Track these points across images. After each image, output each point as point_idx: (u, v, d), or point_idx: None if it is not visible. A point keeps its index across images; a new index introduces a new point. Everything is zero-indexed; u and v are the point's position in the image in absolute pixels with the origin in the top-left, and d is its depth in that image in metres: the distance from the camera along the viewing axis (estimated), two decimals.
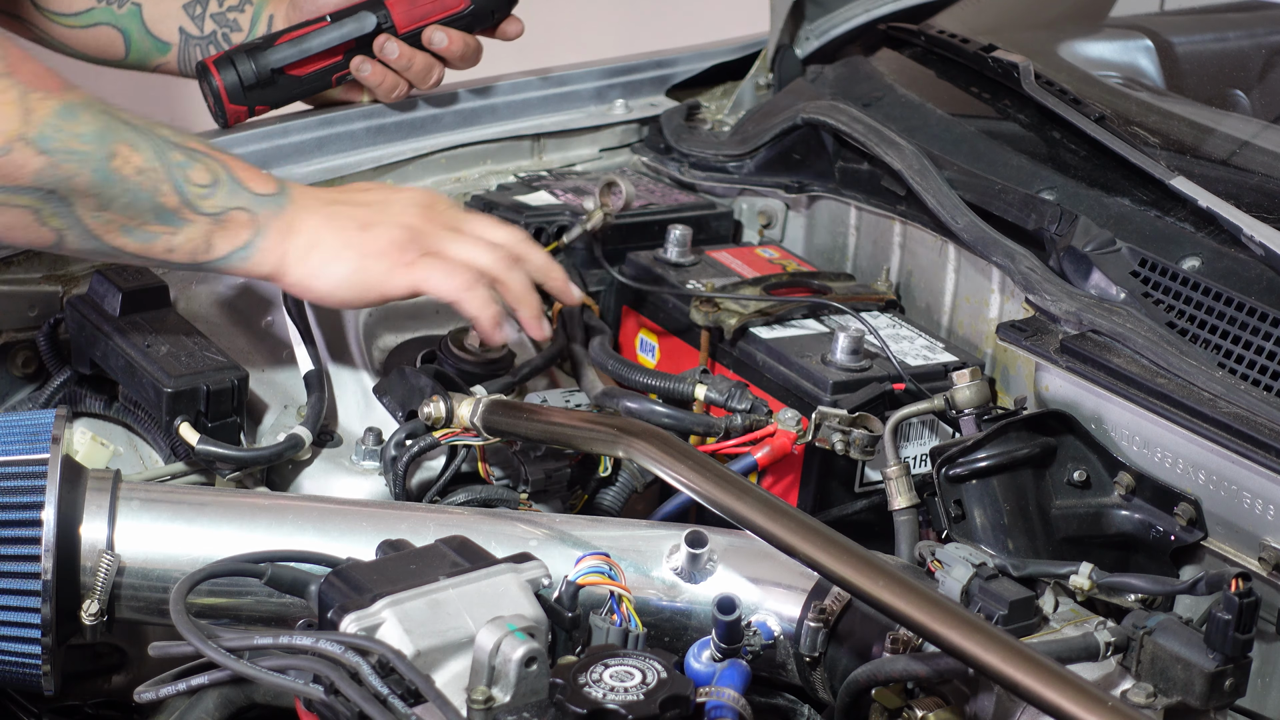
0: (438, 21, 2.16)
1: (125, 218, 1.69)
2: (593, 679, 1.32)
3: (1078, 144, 2.05)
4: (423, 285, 1.77)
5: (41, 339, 1.92)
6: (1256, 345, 1.73)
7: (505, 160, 2.30)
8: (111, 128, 1.68)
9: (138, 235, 1.70)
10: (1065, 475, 1.76)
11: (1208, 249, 1.84)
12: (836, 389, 1.85)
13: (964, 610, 1.39)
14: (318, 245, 1.76)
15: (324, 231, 1.77)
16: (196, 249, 1.73)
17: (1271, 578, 1.64)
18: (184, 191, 1.71)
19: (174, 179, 1.71)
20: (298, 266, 1.76)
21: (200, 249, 1.73)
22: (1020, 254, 1.91)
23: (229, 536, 1.57)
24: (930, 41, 2.29)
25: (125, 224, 1.69)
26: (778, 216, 2.26)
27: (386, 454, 1.79)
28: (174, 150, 1.72)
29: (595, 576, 1.50)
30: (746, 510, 1.47)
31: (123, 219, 1.69)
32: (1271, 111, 2.20)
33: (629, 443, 1.57)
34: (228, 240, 1.74)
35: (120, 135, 1.68)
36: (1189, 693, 1.40)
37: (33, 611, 1.50)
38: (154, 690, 1.41)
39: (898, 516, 1.71)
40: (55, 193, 1.64)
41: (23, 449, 1.55)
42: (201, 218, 1.72)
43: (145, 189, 1.69)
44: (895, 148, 2.07)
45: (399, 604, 1.35)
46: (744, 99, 2.43)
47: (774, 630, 1.57)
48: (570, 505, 1.83)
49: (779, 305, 1.99)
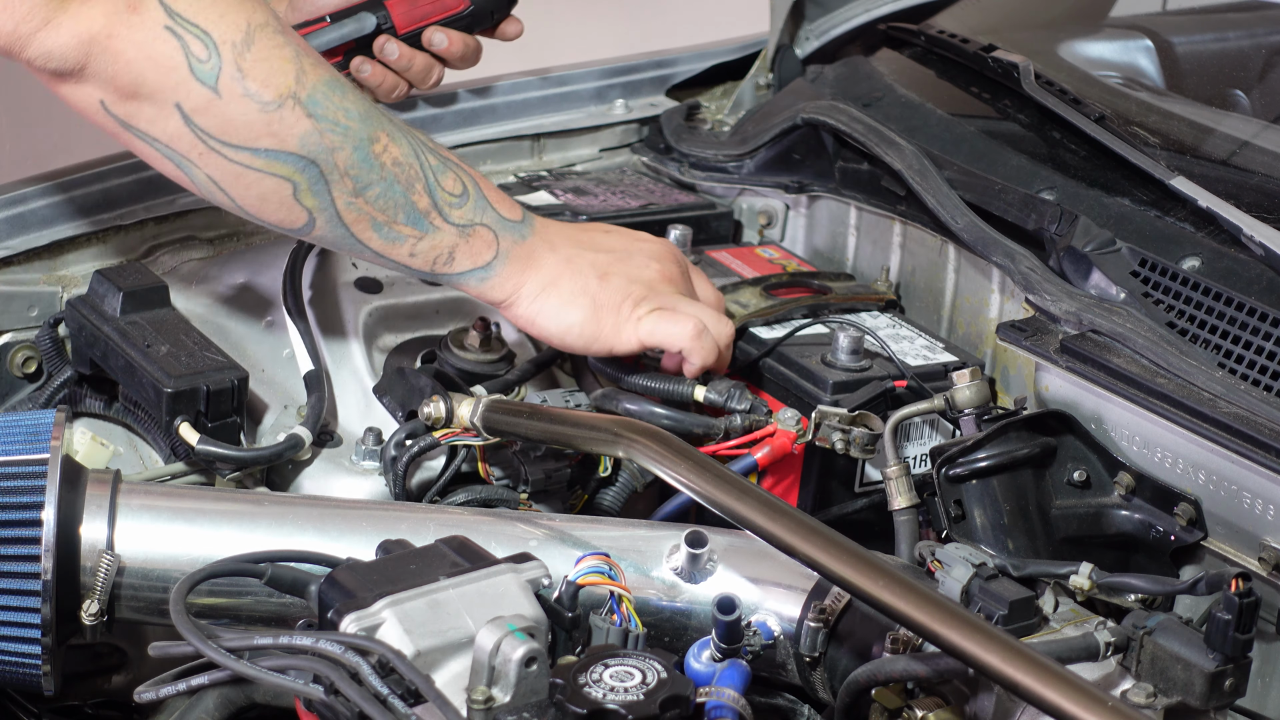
0: (437, 22, 2.16)
1: (377, 210, 1.67)
2: (593, 679, 1.32)
3: (1078, 144, 2.05)
4: (651, 338, 1.78)
5: (42, 339, 1.92)
6: (1256, 345, 1.73)
7: (505, 160, 2.31)
8: (374, 113, 1.68)
9: (385, 233, 1.69)
10: (1065, 475, 1.76)
11: (1208, 249, 1.84)
12: (836, 389, 1.85)
13: (964, 610, 1.39)
14: (554, 286, 1.76)
15: (563, 273, 1.77)
16: (438, 258, 1.72)
17: (1271, 578, 1.64)
18: (435, 196, 1.70)
19: (428, 180, 1.70)
20: (530, 303, 1.77)
21: (442, 259, 1.72)
22: (1020, 254, 1.91)
23: (229, 537, 1.57)
24: (930, 41, 2.29)
25: (375, 218, 1.68)
26: (778, 216, 2.26)
27: (386, 454, 1.79)
28: (429, 152, 1.71)
29: (595, 576, 1.50)
30: (746, 510, 1.47)
31: (374, 211, 1.67)
32: (1271, 111, 2.20)
33: (629, 443, 1.57)
34: (470, 256, 1.73)
35: (381, 123, 1.68)
36: (1189, 693, 1.40)
37: (33, 611, 1.50)
38: (154, 690, 1.41)
39: (898, 516, 1.71)
40: (316, 164, 1.63)
41: (23, 449, 1.55)
42: (449, 226, 1.71)
43: (400, 182, 1.68)
44: (895, 148, 2.07)
45: (399, 604, 1.35)
46: (744, 99, 2.43)
47: (774, 630, 1.57)
48: (570, 505, 1.83)
49: (779, 305, 1.99)
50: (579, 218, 2.12)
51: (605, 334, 1.78)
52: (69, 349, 1.91)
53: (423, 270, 1.74)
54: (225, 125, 1.61)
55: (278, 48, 1.62)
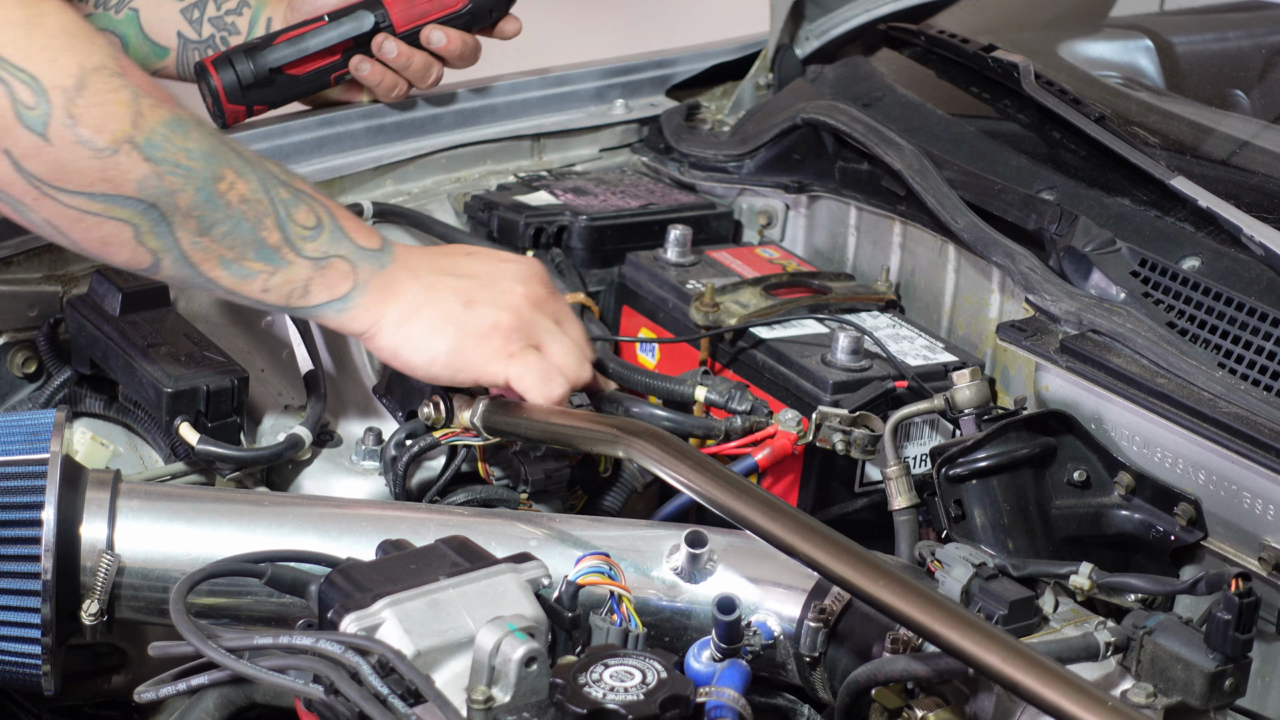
0: (436, 21, 2.16)
1: (225, 248, 1.63)
2: (593, 679, 1.32)
3: (1078, 144, 2.05)
4: (517, 383, 1.72)
5: (41, 339, 1.92)
6: (1256, 345, 1.73)
7: (505, 160, 2.30)
8: (220, 150, 1.63)
9: (235, 270, 1.64)
10: (1065, 475, 1.76)
11: (1208, 249, 1.84)
12: (837, 389, 1.85)
13: (964, 610, 1.39)
14: (417, 315, 1.71)
15: (425, 301, 1.72)
16: (293, 292, 1.67)
17: (1271, 578, 1.64)
18: (287, 230, 1.65)
19: (278, 215, 1.65)
20: (393, 333, 1.71)
21: (297, 293, 1.67)
22: (1020, 254, 1.91)
23: (229, 536, 1.57)
24: (930, 41, 2.29)
25: (224, 255, 1.63)
26: (778, 216, 2.26)
27: (386, 454, 1.79)
28: (280, 186, 1.66)
29: (595, 576, 1.49)
30: (746, 510, 1.47)
31: (222, 249, 1.63)
32: (1271, 111, 2.20)
33: (629, 443, 1.57)
34: (326, 289, 1.68)
35: (228, 160, 1.63)
36: (1189, 693, 1.40)
37: (33, 611, 1.50)
38: (154, 690, 1.41)
39: (898, 516, 1.71)
40: (156, 208, 1.58)
41: (23, 449, 1.55)
42: (302, 260, 1.66)
43: (248, 219, 1.63)
44: (895, 148, 2.07)
45: (399, 604, 1.35)
46: (744, 99, 2.43)
47: (774, 630, 1.57)
48: (570, 505, 1.83)
49: (779, 305, 1.99)
50: (579, 218, 2.12)
51: (472, 364, 1.71)
52: (69, 349, 1.91)
53: (278, 304, 1.68)
54: (57, 171, 1.55)
55: (113, 91, 1.56)
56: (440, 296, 1.72)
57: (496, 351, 1.72)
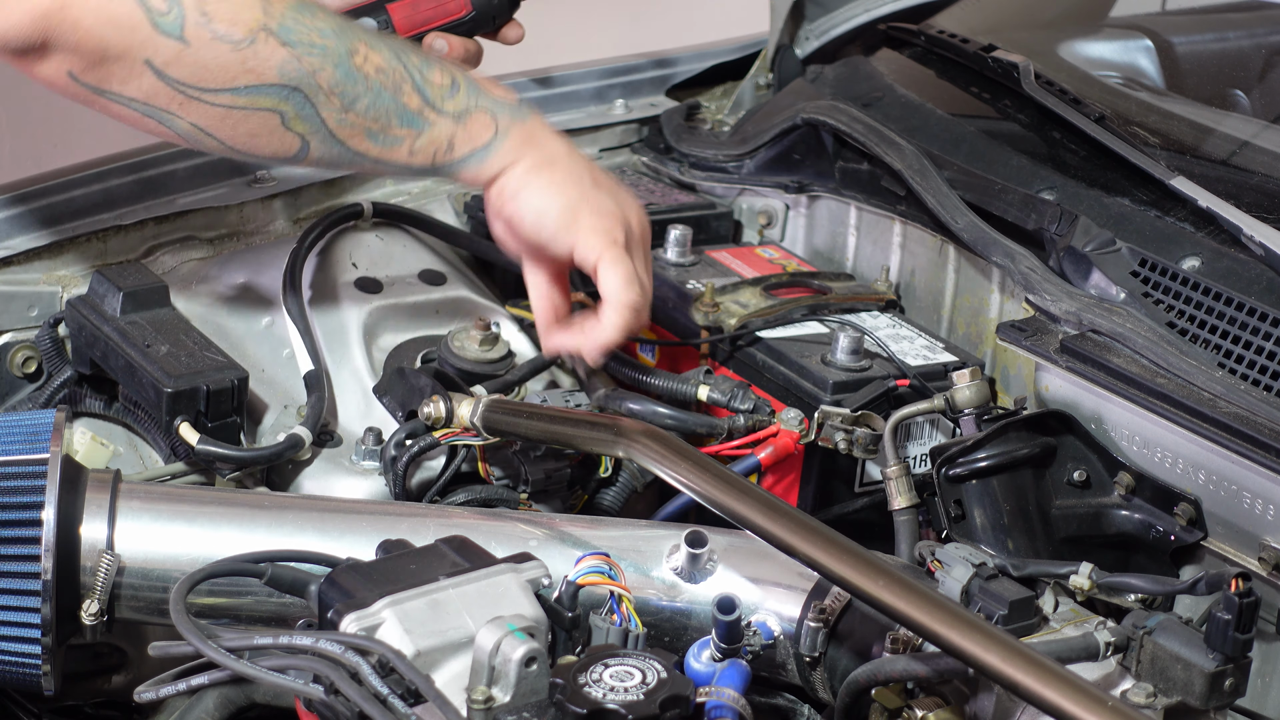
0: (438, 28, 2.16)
1: (369, 120, 1.66)
2: (593, 679, 1.32)
3: (1078, 144, 2.05)
4: (605, 270, 1.73)
5: (42, 339, 1.92)
6: (1256, 345, 1.73)
7: None
8: (347, 27, 1.66)
9: (381, 140, 1.67)
10: (1065, 475, 1.76)
11: (1208, 249, 1.84)
12: (837, 389, 1.85)
13: (964, 610, 1.39)
14: (549, 167, 1.73)
15: (559, 160, 1.74)
16: (439, 149, 1.70)
17: (1271, 578, 1.64)
18: (425, 92, 1.68)
19: (414, 79, 1.68)
20: (521, 176, 1.72)
21: (442, 149, 1.70)
22: (1020, 254, 1.91)
23: (229, 537, 1.57)
24: (930, 41, 2.29)
25: (369, 127, 1.66)
26: (778, 216, 2.26)
27: (386, 454, 1.79)
28: (410, 53, 1.70)
29: (595, 576, 1.49)
30: (746, 510, 1.47)
31: (367, 121, 1.66)
32: (1271, 111, 2.20)
33: (629, 443, 1.57)
34: (468, 141, 1.71)
35: (357, 35, 1.66)
36: (1189, 693, 1.40)
37: (33, 611, 1.50)
38: (154, 690, 1.41)
39: (898, 516, 1.71)
40: (300, 90, 1.62)
41: (23, 449, 1.55)
42: (443, 117, 1.69)
43: (387, 88, 1.66)
44: (895, 148, 2.07)
45: (399, 604, 1.35)
46: (744, 99, 2.43)
47: (774, 630, 1.57)
48: (570, 505, 1.83)
49: (779, 305, 1.99)
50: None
51: (578, 230, 1.72)
52: (69, 349, 1.91)
53: (424, 165, 1.71)
54: (200, 72, 1.59)
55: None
56: (575, 163, 1.75)
57: (603, 231, 1.73)
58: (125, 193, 2.03)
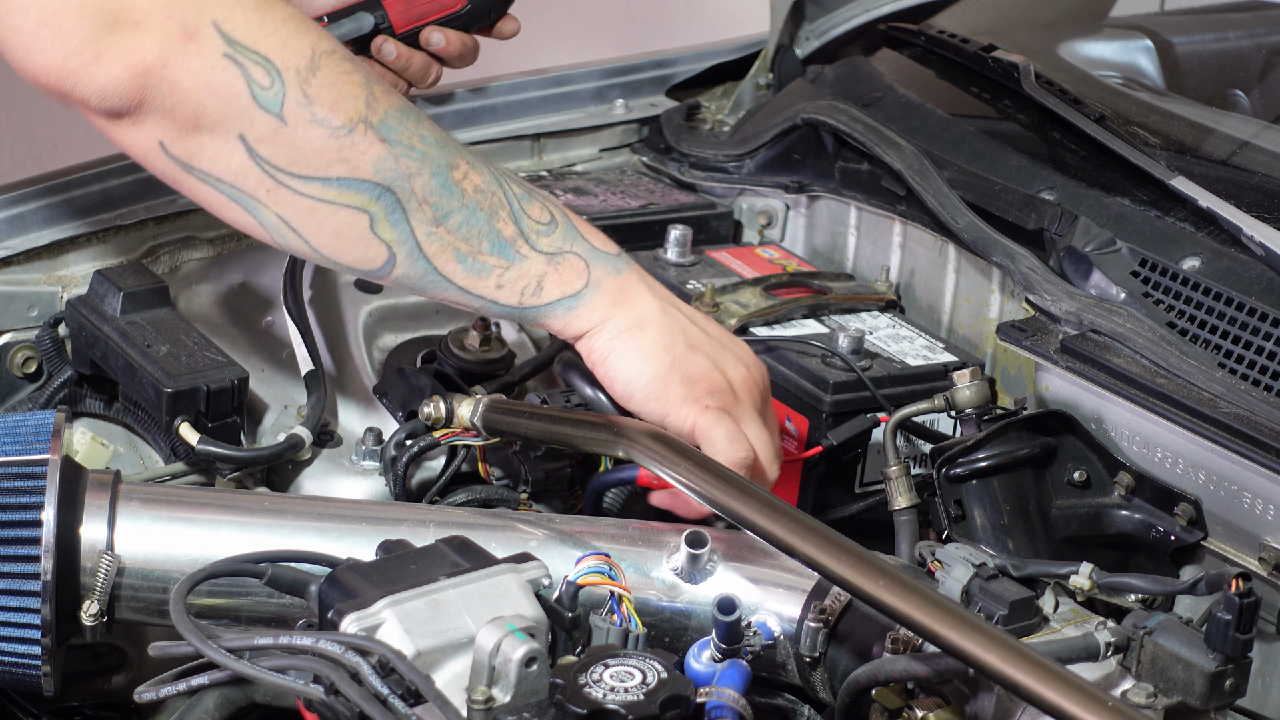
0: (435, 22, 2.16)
1: (460, 239, 1.59)
2: (593, 679, 1.32)
3: (1078, 144, 2.05)
4: (704, 435, 1.64)
5: (42, 339, 1.92)
6: (1256, 345, 1.73)
7: (505, 160, 2.30)
8: (451, 141, 1.61)
9: (470, 264, 1.60)
10: (1065, 475, 1.76)
11: (1208, 249, 1.84)
12: (837, 389, 1.85)
13: (964, 610, 1.39)
14: (640, 330, 1.65)
15: (653, 321, 1.66)
16: (527, 287, 1.62)
17: (1271, 578, 1.64)
18: (522, 223, 1.62)
19: (512, 207, 1.61)
20: (611, 338, 1.65)
21: (530, 287, 1.63)
22: (1020, 254, 1.91)
23: (229, 537, 1.57)
24: (930, 41, 2.29)
25: (459, 248, 1.59)
26: (778, 216, 2.26)
27: (386, 454, 1.79)
28: (511, 181, 1.63)
29: (595, 577, 1.49)
30: (746, 510, 1.47)
31: (457, 240, 1.59)
32: (1271, 111, 2.20)
33: (629, 443, 1.57)
34: (559, 285, 1.63)
35: (459, 150, 1.60)
36: (1189, 693, 1.40)
37: (33, 612, 1.50)
38: (154, 690, 1.41)
39: (898, 516, 1.71)
40: (392, 192, 1.55)
41: (23, 449, 1.55)
42: (537, 255, 1.62)
43: (483, 210, 1.59)
44: (895, 148, 2.07)
45: (399, 604, 1.35)
46: (744, 99, 2.43)
47: (774, 630, 1.57)
48: (570, 505, 1.83)
49: (779, 305, 1.99)
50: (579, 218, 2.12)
51: (668, 400, 1.65)
52: (69, 349, 1.91)
53: (509, 304, 1.63)
54: (293, 154, 1.53)
55: (345, 73, 1.55)
56: (670, 324, 1.67)
57: (695, 399, 1.65)
58: (125, 193, 2.03)
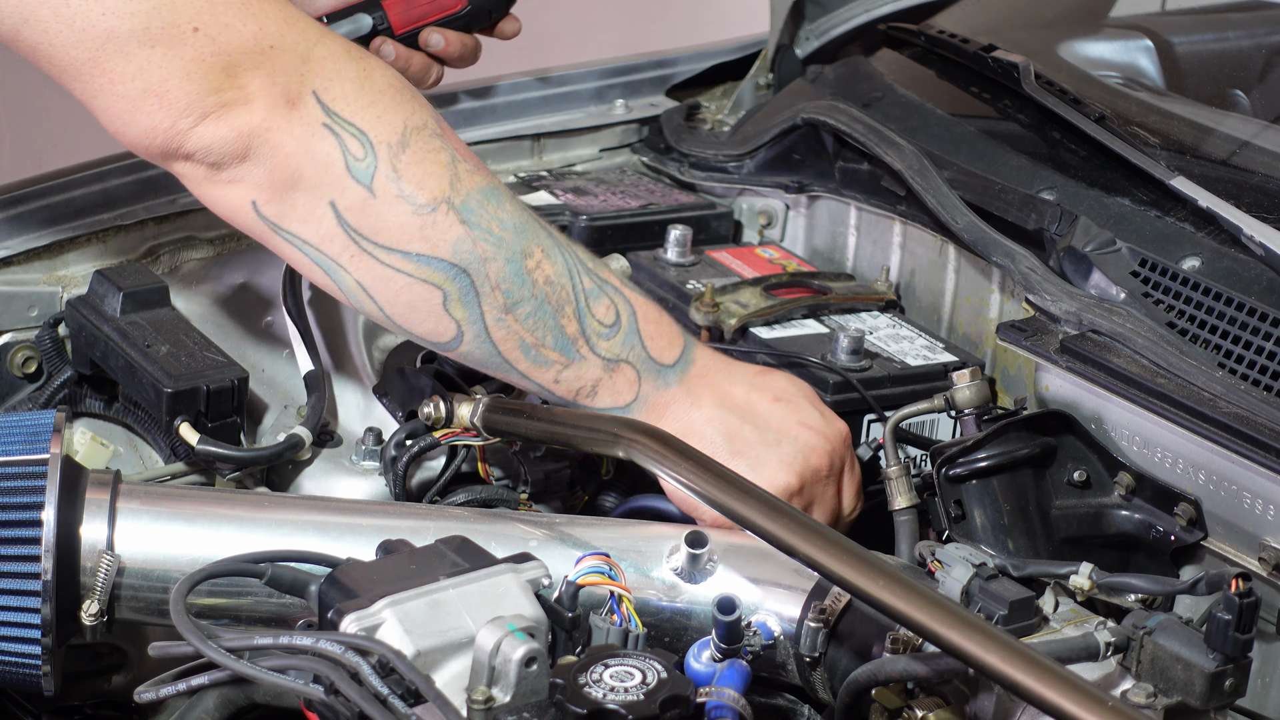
0: (434, 23, 2.15)
1: (526, 330, 1.62)
2: (593, 679, 1.32)
3: (1078, 144, 2.05)
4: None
5: (42, 339, 1.92)
6: (1256, 345, 1.73)
7: (505, 160, 2.30)
8: (530, 226, 1.63)
9: (533, 356, 1.64)
10: (1065, 475, 1.76)
11: (1208, 249, 1.84)
12: (837, 389, 1.85)
13: (964, 610, 1.39)
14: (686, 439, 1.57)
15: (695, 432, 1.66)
16: (581, 389, 1.66)
17: (1271, 578, 1.64)
18: (584, 323, 1.64)
19: (578, 304, 1.64)
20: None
21: (585, 390, 1.66)
22: (1020, 254, 1.91)
23: (229, 537, 1.57)
24: (930, 41, 2.29)
25: (524, 339, 1.63)
26: (778, 216, 2.26)
27: (386, 454, 1.79)
28: (584, 274, 1.65)
29: (595, 576, 1.49)
30: (746, 510, 1.47)
31: (523, 330, 1.62)
32: (1271, 111, 2.20)
33: (629, 443, 1.57)
34: (611, 394, 1.67)
35: (537, 237, 1.63)
36: (1189, 693, 1.40)
37: (33, 612, 1.50)
38: (154, 690, 1.41)
39: (898, 516, 1.71)
40: (467, 274, 1.59)
41: (23, 449, 1.55)
42: (595, 358, 1.65)
43: (550, 303, 1.63)
44: (895, 148, 2.07)
45: (399, 604, 1.35)
46: (744, 99, 2.43)
47: (774, 630, 1.57)
48: (570, 506, 1.83)
49: (779, 305, 1.99)
50: (579, 218, 2.12)
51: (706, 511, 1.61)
52: (69, 349, 1.91)
53: (564, 398, 1.67)
54: (378, 226, 1.58)
55: (434, 151, 1.59)
56: (713, 432, 1.68)
57: None
58: (125, 193, 2.03)
